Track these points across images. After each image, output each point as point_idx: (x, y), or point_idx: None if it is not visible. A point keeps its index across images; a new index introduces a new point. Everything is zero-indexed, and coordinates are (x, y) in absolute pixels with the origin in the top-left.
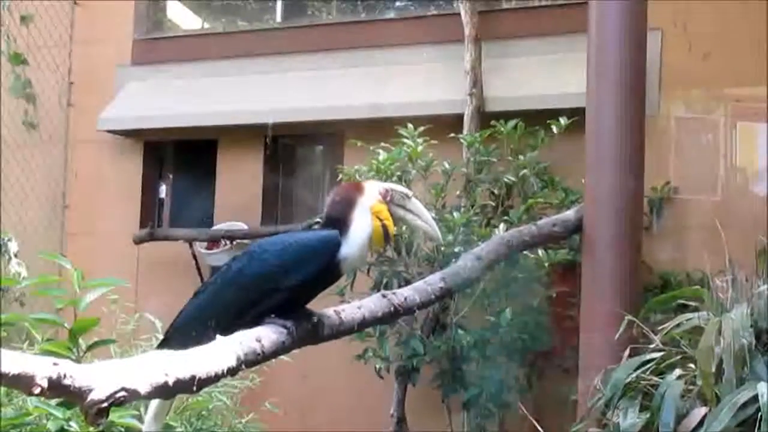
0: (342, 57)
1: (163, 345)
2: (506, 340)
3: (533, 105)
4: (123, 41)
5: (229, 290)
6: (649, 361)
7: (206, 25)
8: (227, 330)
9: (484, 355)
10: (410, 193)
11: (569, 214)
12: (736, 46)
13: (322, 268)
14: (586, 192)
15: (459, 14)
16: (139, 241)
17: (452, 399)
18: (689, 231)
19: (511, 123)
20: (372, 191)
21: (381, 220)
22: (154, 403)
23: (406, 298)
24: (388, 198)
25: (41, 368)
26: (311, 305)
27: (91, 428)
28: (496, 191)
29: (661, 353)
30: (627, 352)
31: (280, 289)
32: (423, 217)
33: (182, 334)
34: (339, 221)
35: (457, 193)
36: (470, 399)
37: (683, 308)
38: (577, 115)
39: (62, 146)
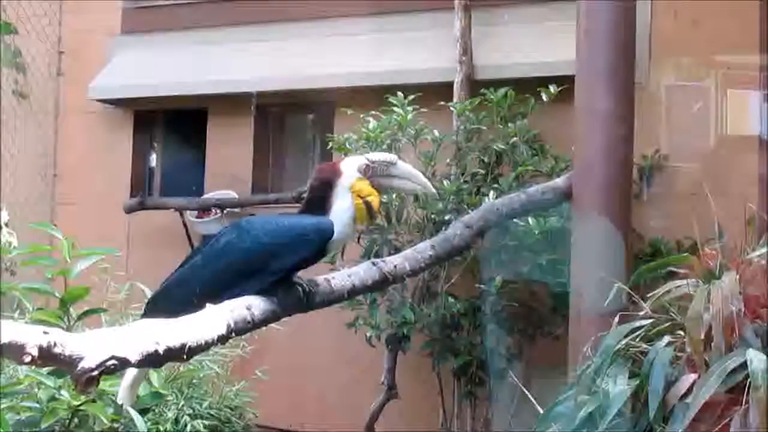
0: (332, 25)
1: (146, 311)
2: (496, 308)
3: (523, 73)
4: (113, 10)
5: (214, 264)
6: (638, 328)
7: None
8: (215, 299)
9: (474, 323)
10: (394, 159)
11: (559, 181)
12: (726, 12)
13: (310, 256)
14: (575, 160)
15: None
16: (129, 210)
17: (443, 367)
18: (679, 198)
19: (501, 91)
20: (350, 170)
21: (363, 197)
22: (130, 374)
23: (396, 266)
24: (369, 173)
25: (32, 337)
26: (302, 273)
27: (82, 396)
28: (486, 159)
29: (651, 320)
30: (616, 319)
31: (267, 270)
32: (413, 179)
33: (163, 301)
34: (320, 205)
35: (447, 161)
36: (461, 367)
37: (673, 275)
38: (567, 82)
39: (52, 116)
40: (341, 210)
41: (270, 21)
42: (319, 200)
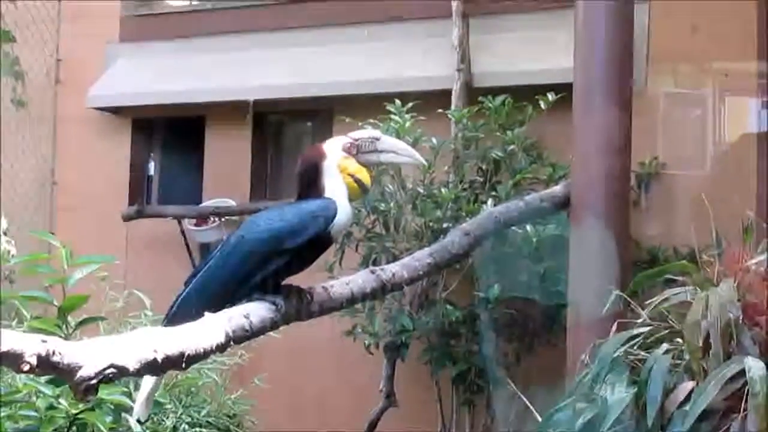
0: (330, 33)
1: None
2: (495, 316)
3: (521, 80)
4: (111, 18)
5: (233, 257)
6: (636, 336)
7: (194, 2)
8: (240, 292)
9: (472, 330)
10: (378, 134)
11: (557, 189)
12: (724, 19)
13: (320, 233)
14: (573, 167)
15: None
16: (127, 218)
17: (441, 374)
18: (677, 206)
19: (499, 99)
20: (334, 150)
21: (351, 174)
22: (146, 388)
23: (394, 274)
24: (354, 151)
25: (30, 345)
26: (300, 281)
27: (80, 405)
28: (484, 167)
29: (649, 328)
30: (615, 327)
31: (283, 250)
32: (400, 151)
33: (185, 312)
34: (313, 190)
35: (446, 168)
36: (459, 374)
37: (671, 283)
38: (564, 90)
39: (50, 124)
40: (334, 190)
41: (268, 29)
42: (310, 185)
